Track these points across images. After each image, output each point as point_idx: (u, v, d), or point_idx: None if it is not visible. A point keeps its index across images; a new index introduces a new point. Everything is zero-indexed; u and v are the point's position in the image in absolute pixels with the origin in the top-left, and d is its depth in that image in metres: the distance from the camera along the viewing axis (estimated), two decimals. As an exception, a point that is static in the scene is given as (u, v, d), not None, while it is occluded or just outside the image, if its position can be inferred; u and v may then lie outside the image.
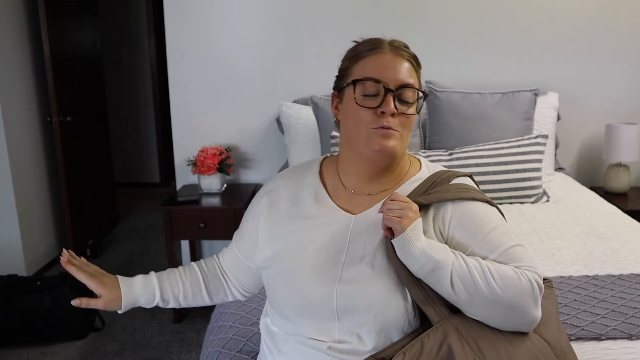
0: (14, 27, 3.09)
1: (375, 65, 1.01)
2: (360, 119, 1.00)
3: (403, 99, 1.00)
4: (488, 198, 1.05)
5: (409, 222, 0.94)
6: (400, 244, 0.94)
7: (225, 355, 1.26)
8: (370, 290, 0.97)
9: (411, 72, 1.02)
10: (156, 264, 3.46)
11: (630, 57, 2.79)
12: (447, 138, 2.50)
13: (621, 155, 2.66)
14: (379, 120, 0.99)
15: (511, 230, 1.03)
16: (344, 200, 1.07)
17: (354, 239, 1.02)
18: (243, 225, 1.19)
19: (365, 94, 1.00)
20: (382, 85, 0.99)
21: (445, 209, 1.01)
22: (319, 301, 0.99)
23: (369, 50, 1.02)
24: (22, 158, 3.13)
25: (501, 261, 0.97)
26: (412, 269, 0.95)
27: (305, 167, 1.16)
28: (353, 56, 1.05)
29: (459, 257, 0.95)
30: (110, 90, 5.10)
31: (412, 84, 1.01)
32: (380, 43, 1.03)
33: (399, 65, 1.01)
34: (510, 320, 0.95)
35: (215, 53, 2.79)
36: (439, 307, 0.96)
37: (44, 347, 2.50)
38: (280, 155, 2.88)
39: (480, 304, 0.93)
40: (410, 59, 1.03)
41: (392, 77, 1.00)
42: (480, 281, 0.92)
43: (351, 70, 1.04)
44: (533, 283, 0.94)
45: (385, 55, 1.01)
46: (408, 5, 2.71)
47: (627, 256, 1.73)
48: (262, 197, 1.15)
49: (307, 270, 1.01)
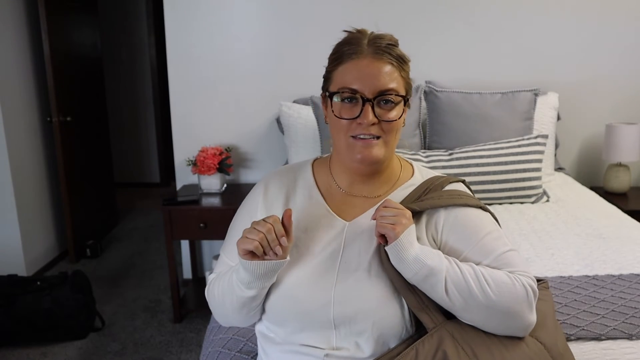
0: (14, 27, 3.09)
1: (353, 73, 0.97)
2: (339, 129, 1.00)
3: (383, 105, 0.98)
4: (481, 203, 1.05)
5: (402, 229, 0.93)
6: (394, 251, 0.94)
7: (225, 355, 1.26)
8: (367, 298, 0.96)
9: (392, 75, 0.98)
10: (156, 264, 3.46)
11: (630, 57, 2.79)
12: (447, 138, 2.50)
13: (621, 155, 2.66)
14: (358, 129, 0.98)
15: (505, 235, 1.03)
16: (338, 201, 1.07)
17: (348, 246, 1.01)
18: (236, 236, 1.07)
19: (344, 102, 0.98)
20: (360, 95, 0.97)
21: (438, 216, 1.02)
22: (315, 310, 0.98)
23: (349, 54, 0.98)
24: (22, 158, 3.13)
25: (495, 266, 0.97)
26: (407, 276, 0.95)
27: (296, 169, 1.14)
28: (335, 59, 1.01)
29: (452, 263, 0.95)
30: (110, 90, 5.10)
31: (391, 89, 0.97)
32: (360, 46, 0.98)
33: (378, 71, 0.97)
34: (505, 326, 0.95)
35: (215, 53, 2.79)
36: (433, 314, 0.96)
37: (44, 347, 2.50)
38: (280, 155, 2.88)
39: (474, 310, 0.93)
40: (391, 60, 0.98)
41: (370, 85, 0.96)
42: (475, 287, 0.92)
43: (333, 75, 1.02)
44: (527, 288, 0.94)
45: (364, 61, 0.97)
46: (408, 5, 2.71)
47: (627, 256, 1.72)
48: (257, 199, 1.11)
49: (302, 279, 1.00)
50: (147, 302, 2.93)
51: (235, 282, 1.00)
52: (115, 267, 3.42)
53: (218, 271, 1.12)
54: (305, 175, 1.12)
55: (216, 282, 1.08)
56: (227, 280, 1.04)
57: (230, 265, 1.08)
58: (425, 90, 2.60)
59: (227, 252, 1.11)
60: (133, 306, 2.89)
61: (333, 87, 1.01)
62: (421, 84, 2.65)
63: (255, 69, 2.81)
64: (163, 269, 3.37)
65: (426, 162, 2.29)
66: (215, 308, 1.10)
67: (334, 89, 1.00)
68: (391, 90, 0.97)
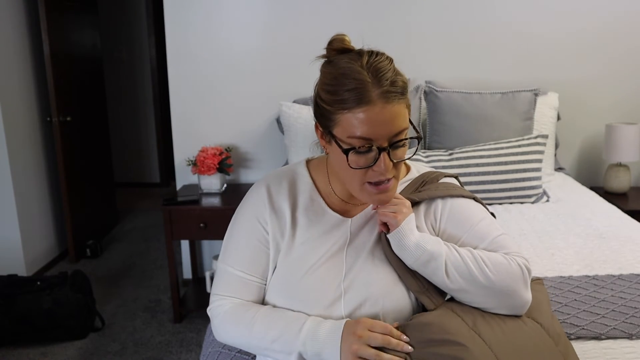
0: (14, 27, 3.09)
1: (365, 124, 0.90)
2: (352, 176, 0.96)
3: (397, 147, 0.95)
4: (474, 195, 1.11)
5: (403, 217, 0.98)
6: (396, 238, 0.98)
7: (225, 355, 1.25)
8: (374, 283, 0.99)
9: (401, 112, 0.93)
10: (156, 264, 3.46)
11: (630, 57, 2.79)
12: (447, 138, 2.50)
13: (621, 155, 2.66)
14: (374, 175, 0.95)
15: (495, 222, 1.09)
16: (339, 202, 1.09)
17: (353, 240, 1.05)
18: (242, 242, 1.07)
19: (359, 152, 0.93)
20: (375, 145, 0.92)
21: (436, 205, 1.07)
22: (326, 308, 0.99)
23: (356, 102, 0.90)
24: (22, 158, 3.13)
25: (491, 249, 1.02)
26: (408, 262, 0.99)
27: (292, 171, 1.13)
28: (337, 102, 0.92)
29: (451, 248, 0.99)
30: (110, 90, 5.11)
31: (404, 130, 0.94)
32: (367, 92, 0.89)
33: (390, 116, 0.91)
34: (504, 304, 0.99)
35: (215, 53, 2.79)
36: (434, 296, 1.01)
37: (44, 347, 2.50)
38: (280, 155, 2.88)
39: (475, 291, 0.97)
40: (399, 99, 0.92)
41: (385, 133, 0.91)
42: (474, 268, 0.97)
43: (336, 118, 0.93)
44: (522, 267, 0.99)
45: (375, 108, 0.89)
46: (408, 5, 2.71)
47: (627, 256, 1.73)
48: (262, 201, 1.09)
49: (311, 284, 1.01)
50: (147, 302, 2.93)
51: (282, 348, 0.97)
52: (115, 267, 3.42)
53: (224, 288, 1.06)
54: (304, 179, 1.12)
55: (239, 316, 1.02)
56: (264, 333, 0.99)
57: (236, 276, 1.05)
58: (425, 90, 2.60)
59: (230, 262, 1.07)
60: (133, 306, 2.89)
61: (340, 133, 0.94)
62: (421, 84, 2.65)
63: (255, 69, 2.81)
64: (163, 269, 3.37)
65: (426, 162, 2.29)
66: (228, 337, 1.05)
67: (342, 135, 0.93)
68: (404, 131, 0.94)
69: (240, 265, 1.06)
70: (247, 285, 1.05)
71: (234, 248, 1.08)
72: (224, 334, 1.05)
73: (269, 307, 1.02)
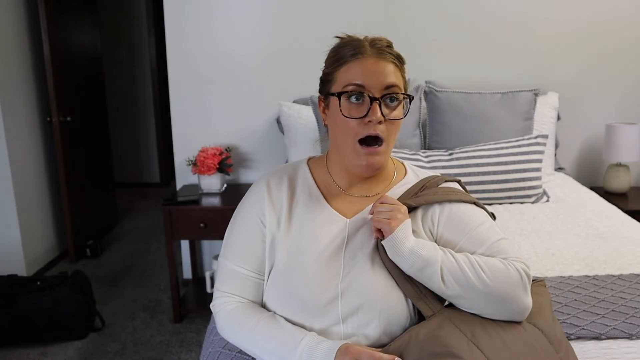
0: (14, 27, 3.09)
1: (358, 71, 1.00)
2: (347, 130, 1.01)
3: (389, 103, 1.01)
4: (475, 200, 1.09)
5: (397, 223, 0.98)
6: (390, 244, 0.98)
7: (225, 355, 1.25)
8: (372, 287, 0.99)
9: (395, 73, 1.02)
10: (156, 264, 3.46)
11: (630, 57, 2.79)
12: (447, 138, 2.50)
13: (621, 155, 2.66)
14: (365, 129, 1.00)
15: (497, 226, 1.07)
16: (338, 200, 1.10)
17: (351, 241, 1.04)
18: (241, 238, 1.09)
19: (351, 102, 1.00)
20: (367, 93, 0.99)
21: (434, 210, 1.06)
22: (322, 307, 0.99)
23: (352, 55, 1.01)
24: (22, 158, 3.13)
25: (489, 254, 1.01)
26: (403, 268, 0.98)
27: (292, 168, 1.15)
28: (335, 60, 1.04)
29: (447, 253, 0.98)
30: (110, 90, 5.11)
31: (397, 86, 1.01)
32: (362, 47, 1.01)
33: (382, 69, 1.00)
34: (503, 310, 0.97)
35: (215, 53, 2.79)
36: (431, 302, 1.00)
37: (44, 347, 2.50)
38: (280, 155, 2.88)
39: (472, 297, 0.96)
40: (393, 60, 1.02)
41: (377, 83, 0.99)
42: (470, 274, 0.95)
43: (335, 76, 1.03)
44: (521, 272, 0.97)
45: (368, 60, 1.00)
46: (408, 5, 2.71)
47: (627, 256, 1.72)
48: (262, 195, 1.11)
49: (308, 280, 1.01)
50: (147, 302, 2.93)
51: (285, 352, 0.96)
52: (115, 267, 3.42)
53: (226, 284, 1.08)
54: (304, 174, 1.13)
55: (241, 320, 1.04)
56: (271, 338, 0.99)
57: (238, 272, 1.07)
58: (425, 90, 2.60)
59: (231, 258, 1.09)
60: (133, 306, 2.89)
61: (336, 87, 1.03)
62: (421, 84, 2.65)
63: (255, 69, 2.81)
64: (163, 269, 3.37)
65: (426, 162, 2.29)
66: (229, 337, 1.07)
67: (338, 88, 1.02)
68: (396, 87, 1.01)
69: (238, 260, 1.08)
70: (245, 281, 1.07)
71: (233, 243, 1.10)
72: (226, 333, 1.09)
73: (270, 316, 1.03)
